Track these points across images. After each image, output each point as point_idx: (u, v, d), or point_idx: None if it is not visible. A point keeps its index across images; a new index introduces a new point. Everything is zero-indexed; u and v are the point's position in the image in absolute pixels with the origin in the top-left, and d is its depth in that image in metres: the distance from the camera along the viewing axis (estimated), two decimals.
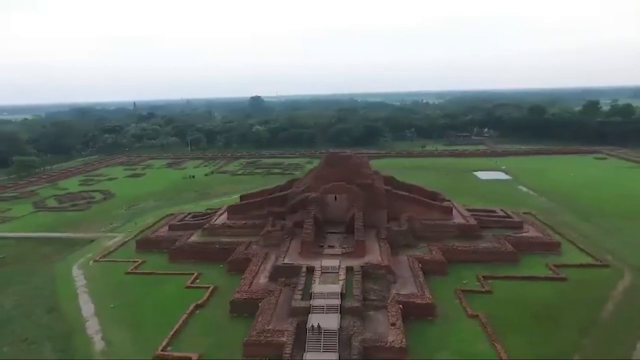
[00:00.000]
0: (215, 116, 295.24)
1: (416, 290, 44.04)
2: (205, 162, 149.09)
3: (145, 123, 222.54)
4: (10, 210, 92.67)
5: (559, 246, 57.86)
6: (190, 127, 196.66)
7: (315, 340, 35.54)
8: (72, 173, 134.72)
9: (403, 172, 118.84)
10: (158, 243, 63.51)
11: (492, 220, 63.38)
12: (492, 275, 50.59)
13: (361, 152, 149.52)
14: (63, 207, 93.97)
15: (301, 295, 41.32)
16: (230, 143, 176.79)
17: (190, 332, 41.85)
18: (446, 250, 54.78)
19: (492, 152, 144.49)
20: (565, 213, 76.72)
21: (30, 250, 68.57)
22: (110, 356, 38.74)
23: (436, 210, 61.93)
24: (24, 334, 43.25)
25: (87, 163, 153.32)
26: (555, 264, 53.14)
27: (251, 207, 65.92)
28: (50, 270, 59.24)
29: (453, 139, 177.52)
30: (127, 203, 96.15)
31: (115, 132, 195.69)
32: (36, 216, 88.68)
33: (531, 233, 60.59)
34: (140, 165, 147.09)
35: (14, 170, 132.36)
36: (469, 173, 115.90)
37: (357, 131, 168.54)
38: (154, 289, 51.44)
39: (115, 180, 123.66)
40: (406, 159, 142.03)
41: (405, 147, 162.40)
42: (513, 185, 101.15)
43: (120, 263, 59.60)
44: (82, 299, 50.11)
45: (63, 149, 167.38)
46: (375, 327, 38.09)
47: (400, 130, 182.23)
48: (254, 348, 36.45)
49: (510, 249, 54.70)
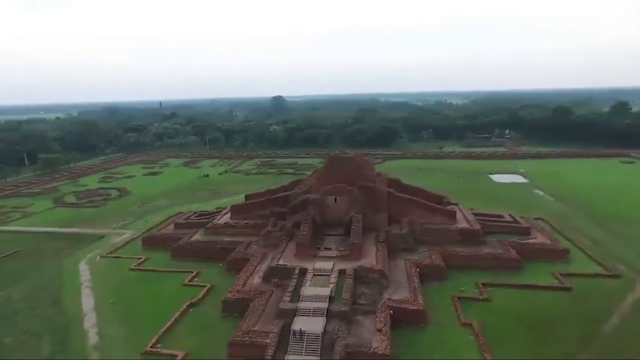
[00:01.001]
0: (236, 116, 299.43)
1: (409, 296, 43.17)
2: (221, 161, 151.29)
3: (167, 122, 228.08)
4: (32, 205, 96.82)
5: (567, 254, 55.50)
6: (209, 126, 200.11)
7: (297, 344, 35.40)
8: (93, 170, 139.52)
9: (416, 174, 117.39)
10: (163, 241, 64.81)
11: (498, 226, 61.47)
12: (492, 283, 49.06)
13: (376, 153, 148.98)
14: (80, 203, 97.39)
15: (290, 297, 41.25)
16: (247, 142, 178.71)
17: (181, 330, 42.46)
18: (447, 255, 53.51)
19: (511, 155, 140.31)
20: (580, 219, 73.62)
21: (45, 245, 71.40)
22: (102, 350, 39.74)
23: (439, 214, 60.57)
24: (26, 325, 45.05)
25: (108, 161, 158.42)
26: (562, 273, 51.00)
27: (254, 207, 66.38)
28: (60, 264, 61.42)
29: (472, 141, 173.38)
30: (140, 201, 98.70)
31: (138, 131, 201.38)
32: (55, 211, 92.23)
33: (538, 239, 58.38)
34: (158, 163, 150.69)
35: (39, 167, 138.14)
36: (484, 176, 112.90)
37: (373, 132, 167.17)
38: (153, 286, 52.51)
39: (132, 178, 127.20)
40: (421, 160, 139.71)
41: (421, 149, 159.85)
42: (529, 189, 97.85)
43: (125, 259, 61.13)
44: (84, 293, 51.71)
45: (87, 146, 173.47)
46: (361, 332, 37.58)
47: (417, 131, 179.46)
48: (238, 348, 36.66)
49: (514, 255, 52.88)
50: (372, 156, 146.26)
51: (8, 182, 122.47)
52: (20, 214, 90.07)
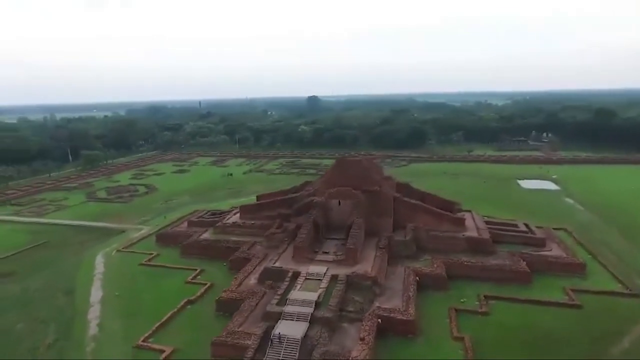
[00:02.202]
0: (270, 115, 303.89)
1: (401, 305, 42.08)
2: (248, 160, 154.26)
3: (201, 121, 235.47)
4: (67, 199, 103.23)
5: (584, 268, 51.91)
6: (240, 126, 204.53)
7: (276, 347, 35.49)
8: (127, 167, 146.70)
9: (440, 177, 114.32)
10: (175, 238, 66.96)
11: (510, 235, 58.53)
12: (495, 296, 46.88)
13: (401, 155, 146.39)
14: (109, 198, 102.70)
15: (278, 300, 41.40)
16: (275, 142, 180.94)
17: (175, 327, 43.82)
18: (450, 264, 51.66)
19: (545, 160, 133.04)
20: (609, 231, 68.68)
21: (72, 237, 76.01)
22: (99, 341, 41.76)
23: (447, 221, 58.53)
24: (38, 313, 48.13)
25: (143, 158, 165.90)
26: (574, 289, 47.85)
27: (262, 208, 67.18)
28: (80, 257, 65.07)
29: (506, 144, 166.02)
30: (165, 198, 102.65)
31: (173, 129, 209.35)
32: (86, 206, 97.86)
33: (553, 252, 55.00)
34: (188, 162, 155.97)
35: (80, 163, 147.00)
36: (512, 181, 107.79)
37: (401, 133, 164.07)
38: (158, 282, 54.43)
39: (162, 175, 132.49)
40: (448, 163, 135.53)
41: (450, 152, 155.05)
42: (558, 197, 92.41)
43: (138, 254, 63.79)
44: (95, 285, 54.54)
45: (125, 144, 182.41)
46: (344, 339, 37.12)
47: (448, 134, 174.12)
48: (221, 348, 37.30)
49: (523, 268, 50.15)
50: (397, 158, 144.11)
51: (51, 177, 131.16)
52: (55, 207, 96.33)
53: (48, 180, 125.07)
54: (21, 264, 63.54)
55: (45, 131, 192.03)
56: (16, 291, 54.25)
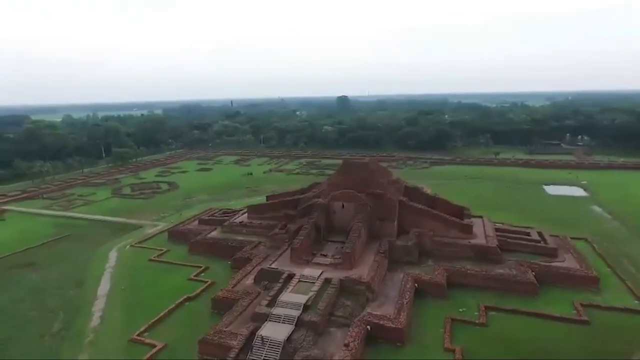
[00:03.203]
0: (299, 115, 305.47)
1: (392, 312, 41.20)
2: (270, 159, 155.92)
3: (229, 120, 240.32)
4: (94, 194, 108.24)
5: (597, 282, 48.84)
6: (266, 125, 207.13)
7: (259, 349, 35.66)
8: (154, 164, 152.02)
9: (460, 181, 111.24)
10: (185, 235, 68.73)
11: (520, 244, 55.94)
12: (496, 307, 45.02)
13: (424, 157, 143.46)
14: (133, 195, 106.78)
15: (268, 302, 41.54)
16: (299, 142, 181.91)
17: (171, 322, 44.97)
18: (453, 272, 50.12)
19: (577, 164, 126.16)
20: (634, 243, 64.29)
21: (93, 231, 79.58)
22: (98, 333, 43.49)
23: (454, 227, 56.72)
24: (50, 303, 50.73)
25: (170, 156, 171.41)
26: (584, 303, 45.15)
27: (269, 208, 67.71)
28: (96, 250, 68.03)
29: (537, 147, 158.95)
30: (184, 195, 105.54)
31: (201, 128, 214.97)
32: (111, 201, 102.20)
33: (566, 263, 52.10)
34: (212, 160, 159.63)
35: (111, 160, 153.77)
36: (537, 186, 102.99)
37: (426, 134, 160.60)
38: (162, 277, 56.07)
39: (186, 173, 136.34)
40: (471, 166, 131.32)
41: (476, 154, 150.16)
42: (585, 204, 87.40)
43: (149, 250, 65.96)
44: (104, 278, 56.86)
45: (155, 142, 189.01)
46: (329, 345, 36.73)
47: (475, 135, 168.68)
48: (207, 347, 37.89)
49: (530, 279, 47.83)
50: (419, 160, 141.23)
51: (84, 173, 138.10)
52: (83, 201, 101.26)
53: (80, 176, 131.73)
54: (43, 255, 67.09)
55: (83, 129, 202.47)
56: (34, 280, 57.45)
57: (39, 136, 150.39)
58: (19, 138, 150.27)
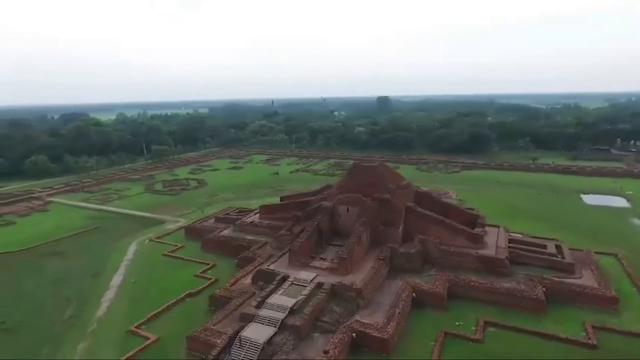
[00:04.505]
0: (337, 115, 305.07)
1: (381, 321, 40.23)
2: (299, 159, 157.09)
3: (266, 120, 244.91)
4: (129, 189, 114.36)
5: (616, 303, 44.88)
6: (301, 125, 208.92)
7: (239, 350, 36.15)
8: (188, 162, 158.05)
9: (489, 187, 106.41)
10: (200, 232, 70.95)
11: (534, 257, 52.50)
12: (496, 322, 42.71)
13: (455, 161, 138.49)
14: (163, 191, 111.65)
15: (257, 303, 41.98)
16: (330, 143, 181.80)
17: (169, 317, 46.69)
18: (455, 282, 48.12)
19: (624, 172, 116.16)
20: None
21: (120, 224, 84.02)
22: (101, 322, 46.01)
23: (462, 236, 54.31)
24: (67, 291, 54.27)
25: (205, 154, 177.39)
26: (596, 325, 41.74)
27: (280, 209, 68.33)
28: (118, 243, 71.88)
29: (583, 153, 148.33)
30: (211, 193, 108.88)
31: (238, 127, 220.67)
32: (142, 196, 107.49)
33: (582, 280, 48.33)
34: (244, 159, 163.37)
35: (150, 157, 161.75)
36: (574, 195, 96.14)
37: (460, 137, 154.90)
38: (172, 272, 58.29)
39: (217, 171, 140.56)
40: (506, 172, 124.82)
41: (513, 159, 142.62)
42: (625, 216, 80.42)
43: (166, 245, 68.79)
44: (119, 271, 59.97)
45: (193, 140, 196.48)
46: (309, 350, 36.56)
47: (515, 139, 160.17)
48: (195, 343, 38.98)
49: (538, 295, 44.84)
50: (450, 164, 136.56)
51: (124, 169, 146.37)
52: (118, 196, 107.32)
53: (120, 171, 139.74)
54: (71, 245, 71.86)
55: (130, 127, 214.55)
56: (59, 269, 61.65)
57: (87, 133, 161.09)
58: (69, 135, 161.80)
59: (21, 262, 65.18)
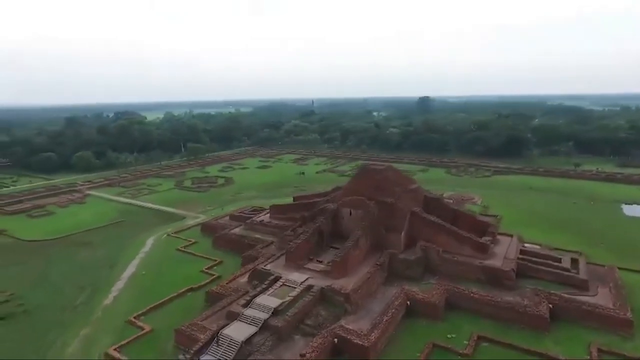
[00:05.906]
0: (376, 116, 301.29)
1: (366, 328, 39.47)
2: (327, 160, 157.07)
3: (303, 120, 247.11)
4: (160, 185, 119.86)
5: (630, 326, 41.05)
6: (333, 126, 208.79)
7: (216, 347, 36.90)
8: (221, 160, 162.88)
9: (520, 193, 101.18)
10: (214, 229, 73.01)
11: (544, 271, 49.14)
12: (490, 338, 40.47)
13: (488, 165, 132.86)
14: (191, 187, 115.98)
15: (245, 302, 42.60)
16: (362, 143, 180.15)
17: (168, 309, 48.40)
18: (454, 293, 46.15)
19: None
20: None
21: (145, 218, 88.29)
22: (106, 311, 48.65)
23: (468, 244, 51.91)
24: (83, 280, 57.77)
25: (238, 153, 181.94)
26: (603, 349, 38.47)
27: (289, 209, 68.82)
28: (138, 236, 75.52)
29: (635, 159, 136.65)
30: (236, 191, 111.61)
31: (273, 127, 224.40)
32: (171, 192, 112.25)
33: (596, 298, 44.62)
34: (274, 158, 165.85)
35: (186, 154, 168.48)
36: (614, 205, 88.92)
37: (495, 140, 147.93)
38: (181, 267, 60.42)
39: (246, 169, 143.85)
40: (542, 178, 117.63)
41: (553, 164, 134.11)
42: None
43: (181, 240, 71.38)
44: (133, 263, 63.03)
45: (228, 139, 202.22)
46: (286, 352, 36.63)
47: (558, 142, 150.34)
48: (181, 337, 40.25)
49: (541, 311, 42.00)
50: (482, 168, 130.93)
51: (160, 165, 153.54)
52: (148, 191, 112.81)
53: (155, 167, 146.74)
54: (98, 236, 76.51)
55: (172, 125, 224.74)
56: (82, 258, 65.82)
57: (130, 131, 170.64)
58: (114, 132, 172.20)
59: (54, 250, 70.26)
